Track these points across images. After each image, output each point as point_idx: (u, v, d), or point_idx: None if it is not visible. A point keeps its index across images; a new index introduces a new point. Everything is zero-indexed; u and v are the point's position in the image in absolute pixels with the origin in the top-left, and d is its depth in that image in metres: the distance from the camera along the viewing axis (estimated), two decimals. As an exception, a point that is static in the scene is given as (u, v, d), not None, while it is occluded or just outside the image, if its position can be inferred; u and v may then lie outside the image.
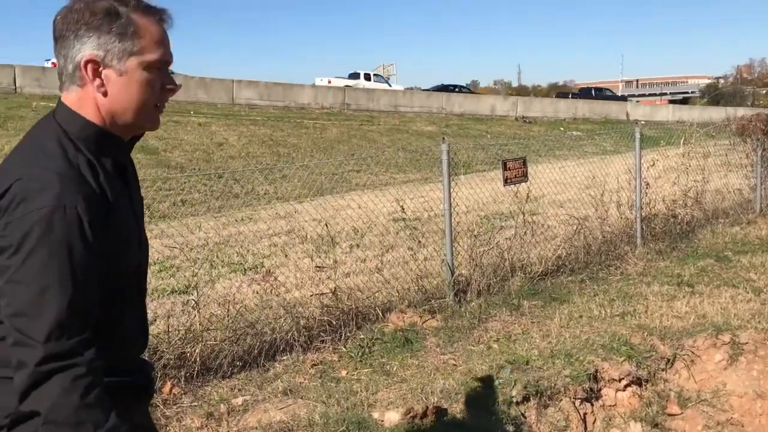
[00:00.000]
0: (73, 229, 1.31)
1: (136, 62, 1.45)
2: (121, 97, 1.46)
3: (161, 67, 1.50)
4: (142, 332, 1.67)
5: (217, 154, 17.21)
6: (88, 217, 1.33)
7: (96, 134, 1.46)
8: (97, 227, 1.35)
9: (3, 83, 22.29)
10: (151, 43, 1.46)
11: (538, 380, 4.11)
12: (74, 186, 1.34)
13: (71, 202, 1.32)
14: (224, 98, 27.19)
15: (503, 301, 5.64)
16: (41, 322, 1.26)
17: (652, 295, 5.73)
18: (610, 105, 41.68)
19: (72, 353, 1.28)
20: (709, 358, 4.68)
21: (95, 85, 1.44)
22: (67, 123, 1.46)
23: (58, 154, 1.39)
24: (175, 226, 7.61)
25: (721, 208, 9.18)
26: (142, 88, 1.47)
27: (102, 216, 1.38)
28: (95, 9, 1.42)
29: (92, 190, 1.38)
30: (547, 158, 12.17)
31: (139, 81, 1.46)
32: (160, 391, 3.93)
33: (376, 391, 4.02)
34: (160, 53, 1.48)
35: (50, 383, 1.26)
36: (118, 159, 1.54)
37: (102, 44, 1.43)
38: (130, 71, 1.45)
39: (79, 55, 1.43)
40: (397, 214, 6.52)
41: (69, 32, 1.43)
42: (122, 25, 1.43)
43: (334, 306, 5.02)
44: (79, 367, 1.28)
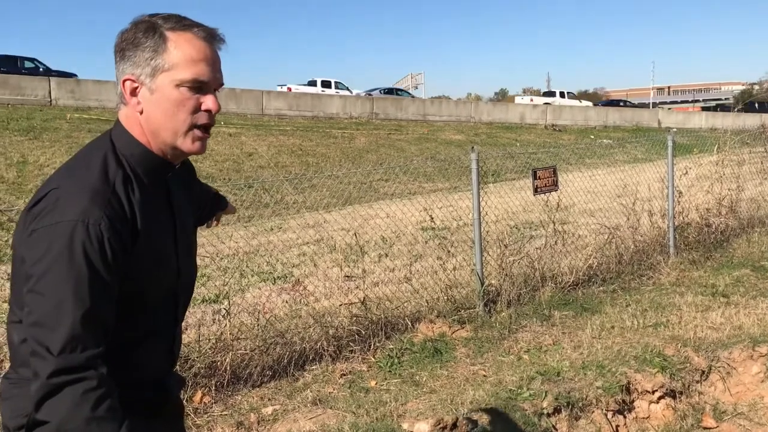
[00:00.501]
0: (93, 244, 1.32)
1: (167, 80, 1.43)
2: (154, 116, 1.45)
3: (198, 87, 1.45)
4: (166, 358, 1.67)
5: (247, 164, 17.37)
6: (109, 235, 1.34)
7: (141, 154, 1.48)
8: (117, 246, 1.37)
9: (39, 95, 22.79)
10: (184, 61, 1.42)
11: (569, 392, 4.06)
12: (102, 203, 1.36)
13: (95, 218, 1.34)
14: (254, 109, 27.47)
15: (534, 312, 5.59)
16: (56, 335, 1.28)
17: (686, 305, 5.63)
18: (642, 113, 41.27)
19: (84, 367, 1.30)
20: (746, 371, 4.58)
21: (132, 104, 1.46)
22: (119, 139, 1.48)
23: (97, 170, 1.41)
24: (205, 236, 7.69)
25: (756, 216, 9.00)
26: (172, 107, 1.44)
27: (126, 236, 1.40)
28: (138, 27, 1.44)
29: (120, 210, 1.40)
30: (577, 166, 12.07)
31: (169, 99, 1.44)
32: (191, 400, 3.97)
33: (406, 401, 4.01)
34: (193, 72, 1.43)
35: (61, 395, 1.28)
36: (162, 183, 1.54)
37: (138, 62, 1.43)
38: (161, 89, 1.43)
39: (122, 75, 1.45)
40: (426, 224, 6.51)
41: (118, 53, 1.46)
42: (155, 43, 1.42)
43: (363, 316, 5.02)
44: (90, 380, 1.30)
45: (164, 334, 1.62)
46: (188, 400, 3.96)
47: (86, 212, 1.33)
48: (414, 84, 44.78)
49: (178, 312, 1.66)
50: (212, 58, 1.47)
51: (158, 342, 1.60)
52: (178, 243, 1.60)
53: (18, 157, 14.61)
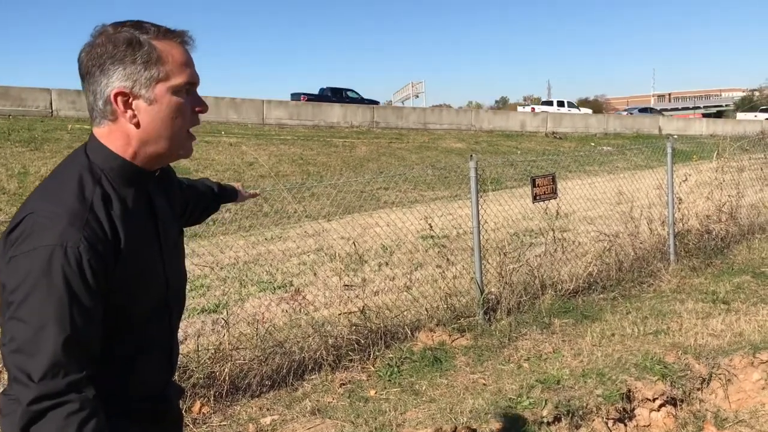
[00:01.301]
0: (72, 268, 1.31)
1: (165, 88, 1.44)
2: (154, 126, 1.45)
3: (189, 89, 1.49)
4: (167, 365, 1.66)
5: (248, 173, 17.38)
6: (88, 257, 1.33)
7: (120, 167, 1.46)
8: (98, 268, 1.35)
9: (40, 106, 22.86)
10: (175, 67, 1.45)
11: (569, 400, 4.05)
12: (80, 224, 1.34)
13: (74, 241, 1.32)
14: (254, 118, 27.52)
15: (534, 320, 5.58)
16: (36, 362, 1.27)
17: (687, 312, 5.62)
18: (643, 119, 41.26)
19: (66, 391, 1.29)
20: (747, 378, 4.56)
21: (127, 117, 1.44)
22: (95, 154, 1.46)
23: (73, 190, 1.39)
24: (205, 245, 7.69)
25: (757, 223, 8.98)
26: (173, 114, 1.46)
27: (107, 256, 1.37)
28: (117, 41, 1.41)
29: (100, 229, 1.38)
30: (577, 174, 12.07)
31: (169, 106, 1.46)
32: (190, 410, 3.96)
33: (405, 410, 3.99)
34: (186, 76, 1.47)
35: (45, 421, 1.27)
36: (143, 193, 1.53)
37: (129, 75, 1.42)
38: (159, 98, 1.44)
39: (108, 89, 1.42)
40: (426, 232, 6.51)
41: (95, 68, 1.42)
42: (146, 53, 1.42)
43: (362, 325, 5.01)
44: (72, 404, 1.28)
45: (161, 345, 1.61)
46: (187, 411, 3.95)
47: (64, 235, 1.31)
48: (415, 93, 44.84)
49: (173, 321, 1.65)
50: (192, 60, 1.51)
51: (156, 353, 1.59)
52: (164, 251, 1.58)
53: (19, 168, 14.64)
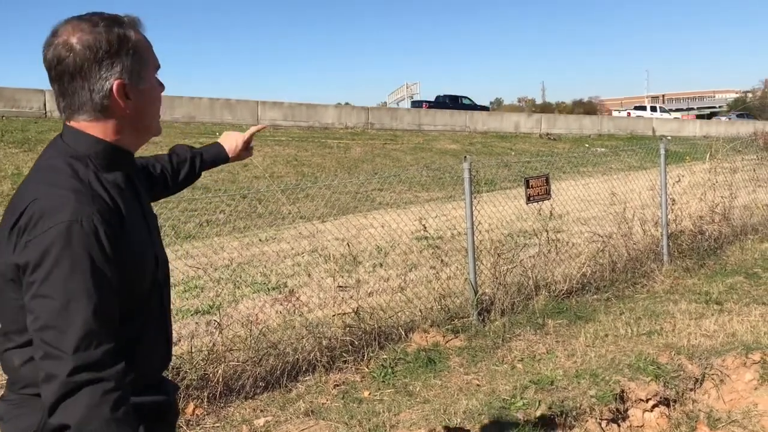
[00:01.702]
0: (91, 240, 1.34)
1: (150, 74, 1.56)
2: (149, 111, 1.57)
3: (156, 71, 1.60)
4: (166, 347, 1.69)
5: (242, 174, 17.35)
6: (104, 228, 1.36)
7: (104, 150, 1.51)
8: (113, 238, 1.38)
9: (33, 107, 22.78)
10: (150, 54, 1.56)
11: (563, 400, 4.05)
12: (88, 200, 1.38)
13: (87, 215, 1.35)
14: (249, 119, 27.46)
15: (527, 320, 5.59)
16: (69, 334, 1.28)
17: (680, 313, 5.64)
18: (637, 121, 41.36)
19: (101, 364, 1.30)
20: (739, 378, 4.58)
21: (123, 107, 1.50)
22: (76, 142, 1.50)
23: (68, 173, 1.43)
24: (199, 247, 7.68)
25: (749, 223, 9.02)
26: (157, 96, 1.61)
27: (117, 227, 1.42)
28: (110, 39, 1.46)
29: (106, 203, 1.42)
30: (571, 175, 12.09)
31: (155, 90, 1.59)
32: (184, 412, 3.95)
33: (399, 411, 3.99)
34: (156, 59, 1.59)
35: (80, 395, 1.27)
36: (128, 173, 1.58)
37: (126, 67, 1.48)
38: (148, 82, 1.55)
39: (107, 83, 1.46)
40: (420, 233, 6.52)
41: (89, 64, 1.45)
42: (134, 45, 1.50)
43: (356, 326, 5.01)
44: (108, 382, 1.30)
45: (159, 325, 1.64)
46: (181, 412, 3.94)
47: (77, 211, 1.34)
48: (410, 94, 44.88)
49: (164, 301, 1.67)
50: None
51: (155, 333, 1.61)
52: (151, 231, 1.64)
53: (12, 169, 14.59)
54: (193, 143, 9.00)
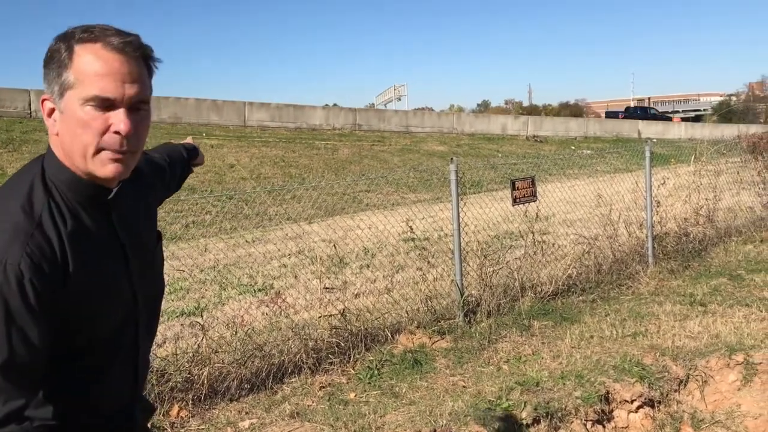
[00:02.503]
0: (11, 286, 1.21)
1: (74, 98, 1.29)
2: (65, 137, 1.32)
3: (105, 105, 1.30)
4: (130, 386, 1.56)
5: (229, 175, 17.29)
6: (30, 275, 1.22)
7: (69, 180, 1.35)
8: (42, 287, 1.24)
9: (18, 107, 22.57)
10: (90, 76, 1.27)
11: (548, 402, 4.07)
12: (24, 239, 1.24)
13: (14, 258, 1.22)
14: (236, 120, 27.38)
15: (513, 322, 5.60)
16: None
17: (665, 314, 5.67)
18: (622, 123, 41.62)
19: (4, 421, 1.20)
20: (723, 379, 4.61)
21: (50, 125, 1.35)
22: (48, 163, 1.37)
23: (20, 202, 1.29)
24: (185, 248, 7.64)
25: (733, 226, 9.10)
26: (77, 128, 1.29)
27: (54, 276, 1.27)
28: (50, 47, 1.32)
29: (47, 245, 1.27)
30: (558, 177, 12.15)
31: (74, 119, 1.29)
32: (168, 415, 3.92)
33: (385, 413, 3.99)
34: (97, 87, 1.28)
35: None
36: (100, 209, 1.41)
37: (50, 82, 1.31)
38: (68, 108, 1.30)
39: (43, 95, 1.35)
40: (407, 235, 6.51)
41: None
42: (62, 59, 1.29)
43: (342, 327, 5.00)
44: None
45: (126, 363, 1.52)
46: (165, 415, 3.92)
47: (4, 252, 1.21)
48: (397, 95, 44.92)
49: (139, 338, 1.53)
50: (122, 71, 1.29)
51: (120, 371, 1.50)
52: (131, 265, 1.47)
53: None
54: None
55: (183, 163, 2.08)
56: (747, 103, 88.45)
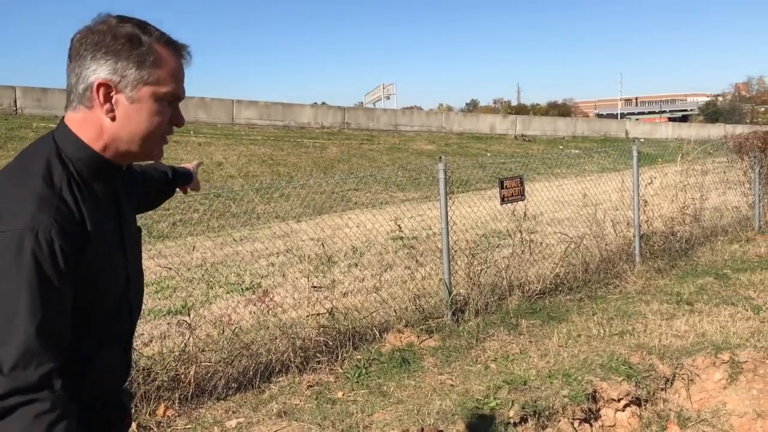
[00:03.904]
0: (44, 252, 1.27)
1: (150, 92, 1.44)
2: (128, 125, 1.45)
3: (172, 101, 1.50)
4: (123, 368, 1.63)
5: (217, 173, 17.23)
6: (60, 241, 1.29)
7: (89, 158, 1.44)
8: (70, 252, 1.31)
9: (4, 104, 22.39)
10: (167, 76, 1.46)
11: (536, 400, 4.07)
12: (50, 209, 1.31)
13: (45, 225, 1.28)
14: (224, 118, 27.30)
15: (501, 320, 5.61)
16: (8, 350, 1.22)
17: (651, 313, 5.70)
18: (610, 123, 41.88)
19: (37, 386, 1.23)
20: (709, 377, 4.64)
21: (104, 109, 1.42)
22: (64, 142, 1.43)
23: (40, 175, 1.36)
24: (172, 247, 7.60)
25: (719, 225, 9.17)
26: (150, 118, 1.46)
27: (77, 242, 1.34)
28: (118, 33, 1.40)
29: (69, 215, 1.34)
30: (545, 176, 12.18)
31: (148, 111, 1.45)
32: (154, 413, 3.90)
33: (372, 412, 3.98)
34: (173, 86, 1.48)
35: (12, 418, 1.21)
36: (110, 186, 1.52)
37: (119, 69, 1.41)
38: (142, 100, 1.44)
39: (93, 76, 1.40)
40: (396, 233, 6.51)
41: (87, 52, 1.40)
42: (142, 54, 1.42)
43: (330, 326, 4.99)
44: (43, 403, 1.23)
45: (121, 342, 1.58)
46: (151, 414, 3.89)
47: (34, 220, 1.27)
48: (386, 94, 44.91)
49: (133, 318, 1.62)
50: (183, 74, 1.52)
51: (115, 350, 1.56)
52: (127, 249, 1.56)
53: (-19, 167, 14.33)
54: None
55: (161, 184, 2.14)
56: (733, 103, 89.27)
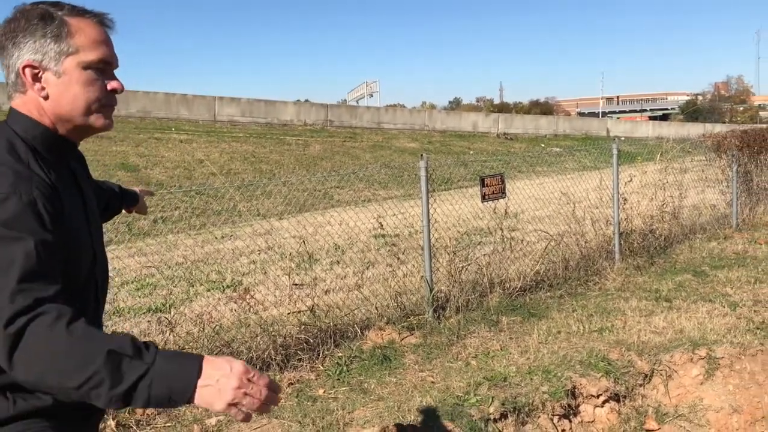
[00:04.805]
0: (29, 210, 1.31)
1: (74, 63, 1.47)
2: (63, 99, 1.48)
3: (103, 68, 1.51)
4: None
5: (199, 171, 17.13)
6: (43, 201, 1.34)
7: (42, 134, 1.49)
8: (54, 211, 1.36)
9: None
10: (87, 43, 1.47)
11: (515, 397, 4.10)
12: (27, 178, 1.36)
13: (27, 189, 1.33)
14: (206, 115, 27.13)
15: (482, 317, 5.63)
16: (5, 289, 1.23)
17: (630, 310, 5.75)
18: (591, 121, 42.17)
19: (38, 304, 1.24)
20: (686, 373, 4.70)
21: (36, 89, 1.47)
22: (17, 125, 1.48)
23: (7, 151, 1.41)
24: (152, 244, 7.55)
25: (698, 223, 9.27)
26: (82, 88, 1.48)
27: (57, 208, 1.39)
28: (30, 15, 1.45)
29: (45, 185, 1.39)
30: (527, 174, 12.25)
31: (78, 81, 1.48)
32: (134, 412, 3.87)
33: (353, 409, 3.99)
34: (98, 53, 1.49)
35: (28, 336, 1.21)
36: (67, 164, 1.56)
37: (38, 48, 1.45)
38: (68, 72, 1.47)
39: (18, 62, 1.45)
40: (378, 231, 6.51)
41: (8, 42, 1.46)
42: (56, 27, 1.45)
43: (312, 324, 4.98)
44: (49, 313, 1.23)
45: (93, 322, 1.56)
46: (130, 412, 3.87)
47: (16, 185, 1.32)
48: (369, 92, 44.89)
49: (99, 297, 1.64)
50: (110, 41, 1.54)
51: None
52: (91, 224, 1.61)
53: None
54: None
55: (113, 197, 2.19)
56: (713, 102, 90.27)
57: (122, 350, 1.23)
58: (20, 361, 1.21)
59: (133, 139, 19.33)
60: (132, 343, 1.25)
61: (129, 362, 1.22)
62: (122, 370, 1.21)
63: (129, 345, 1.24)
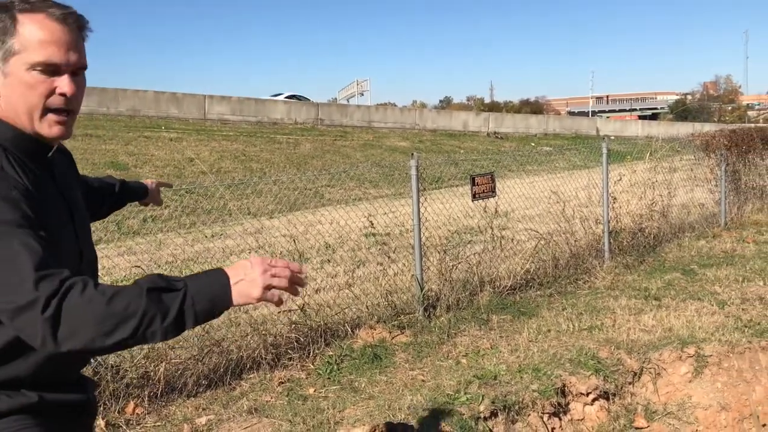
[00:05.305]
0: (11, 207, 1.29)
1: (19, 63, 1.39)
2: (11, 100, 1.42)
3: (51, 70, 1.41)
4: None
5: (189, 169, 17.06)
6: (21, 199, 1.32)
7: (15, 137, 1.44)
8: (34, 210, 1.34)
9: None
10: (35, 44, 1.38)
11: (506, 395, 4.11)
12: (3, 176, 1.35)
13: (5, 188, 1.32)
14: (196, 113, 27.03)
15: (472, 316, 5.64)
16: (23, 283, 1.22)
17: (620, 308, 5.78)
18: (581, 121, 42.31)
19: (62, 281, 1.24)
20: (675, 371, 4.73)
21: None
22: None
23: None
24: (142, 243, 7.52)
25: (687, 222, 9.32)
26: (25, 91, 1.40)
27: (34, 206, 1.36)
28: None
29: (22, 185, 1.37)
30: (517, 173, 12.29)
31: (21, 82, 1.40)
32: (123, 411, 3.86)
33: (344, 408, 3.99)
34: (44, 54, 1.39)
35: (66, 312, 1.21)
36: (45, 166, 1.51)
37: None
38: (14, 73, 1.40)
39: None
40: (369, 230, 6.51)
41: None
42: (6, 26, 1.38)
43: (302, 323, 4.98)
44: (78, 284, 1.24)
45: None
46: (120, 412, 3.86)
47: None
48: (360, 91, 44.82)
49: None
50: (65, 40, 1.42)
51: None
52: (76, 223, 1.58)
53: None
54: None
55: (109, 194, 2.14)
56: (702, 102, 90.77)
57: (156, 284, 1.27)
58: (66, 336, 1.21)
59: (122, 138, 19.24)
60: (159, 276, 1.30)
61: (167, 294, 1.27)
62: (164, 301, 1.26)
63: (158, 279, 1.29)
